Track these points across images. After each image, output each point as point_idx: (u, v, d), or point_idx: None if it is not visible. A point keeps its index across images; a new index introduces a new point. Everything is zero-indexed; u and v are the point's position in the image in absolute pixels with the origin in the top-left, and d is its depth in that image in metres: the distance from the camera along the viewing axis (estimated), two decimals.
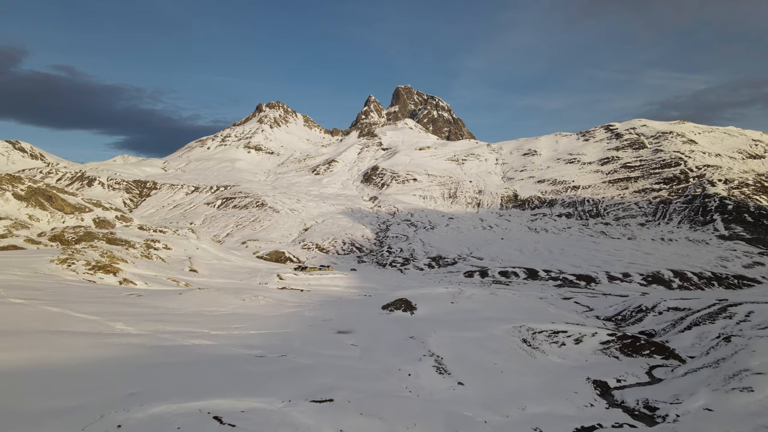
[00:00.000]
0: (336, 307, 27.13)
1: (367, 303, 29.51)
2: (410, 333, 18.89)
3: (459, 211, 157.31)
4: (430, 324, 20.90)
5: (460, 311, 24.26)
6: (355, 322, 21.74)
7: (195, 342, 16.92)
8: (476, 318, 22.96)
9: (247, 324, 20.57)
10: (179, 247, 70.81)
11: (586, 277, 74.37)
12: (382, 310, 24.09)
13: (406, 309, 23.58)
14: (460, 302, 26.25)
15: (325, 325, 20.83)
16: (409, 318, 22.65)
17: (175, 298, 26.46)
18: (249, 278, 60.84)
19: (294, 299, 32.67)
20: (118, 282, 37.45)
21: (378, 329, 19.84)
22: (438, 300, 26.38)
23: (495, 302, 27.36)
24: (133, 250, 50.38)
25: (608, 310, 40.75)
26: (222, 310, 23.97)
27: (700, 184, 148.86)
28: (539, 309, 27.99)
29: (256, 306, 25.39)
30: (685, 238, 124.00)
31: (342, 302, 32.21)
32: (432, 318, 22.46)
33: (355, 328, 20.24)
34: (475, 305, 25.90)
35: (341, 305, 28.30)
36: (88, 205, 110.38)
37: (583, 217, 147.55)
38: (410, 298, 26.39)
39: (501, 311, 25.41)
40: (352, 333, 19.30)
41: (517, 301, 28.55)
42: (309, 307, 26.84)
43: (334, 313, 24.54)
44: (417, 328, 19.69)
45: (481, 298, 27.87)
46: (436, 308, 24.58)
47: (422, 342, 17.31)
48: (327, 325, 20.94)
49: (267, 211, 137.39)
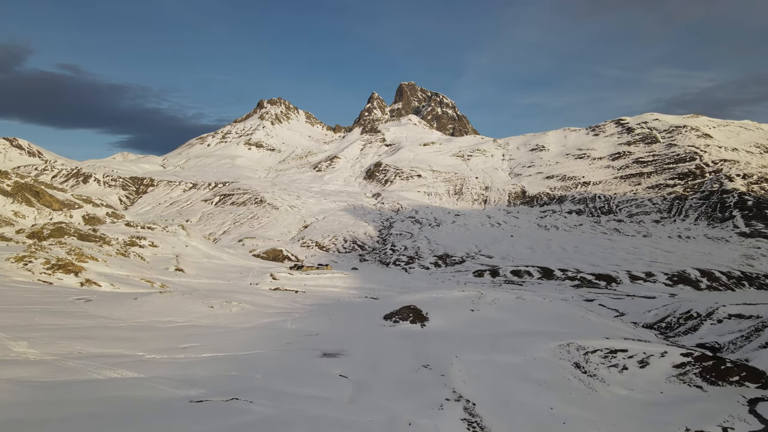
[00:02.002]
0: (327, 315, 21.88)
1: (366, 309, 24.22)
2: (423, 357, 13.64)
3: (465, 207, 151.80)
4: (449, 342, 15.63)
5: (484, 322, 18.97)
6: (348, 338, 16.49)
7: (113, 375, 11.73)
8: (507, 332, 17.68)
9: (204, 342, 15.37)
10: (167, 244, 65.87)
11: (605, 277, 68.87)
12: (384, 321, 18.82)
13: (415, 320, 18.32)
14: (481, 309, 20.96)
15: (307, 344, 15.60)
16: (420, 333, 17.36)
17: (128, 304, 21.36)
18: (240, 278, 55.78)
19: (281, 304, 27.49)
20: (79, 283, 32.41)
21: (378, 351, 14.59)
22: (454, 307, 21.09)
23: (524, 309, 22.05)
24: (107, 248, 45.38)
25: (647, 315, 35.31)
26: (179, 321, 18.80)
27: (717, 180, 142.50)
28: (578, 317, 22.67)
29: (225, 315, 20.19)
30: (704, 235, 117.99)
31: (337, 307, 26.99)
32: (450, 333, 17.19)
33: (348, 348, 15.00)
34: (501, 313, 20.60)
35: (334, 312, 23.05)
36: (78, 201, 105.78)
37: (594, 213, 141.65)
38: (419, 304, 21.12)
39: (534, 321, 20.12)
40: (342, 356, 14.06)
41: (549, 308, 23.23)
42: (293, 315, 21.64)
43: (323, 324, 19.32)
44: (432, 350, 14.43)
45: (507, 303, 22.55)
46: (454, 318, 19.30)
47: (442, 374, 12.09)
48: (310, 343, 15.71)
49: (266, 208, 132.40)
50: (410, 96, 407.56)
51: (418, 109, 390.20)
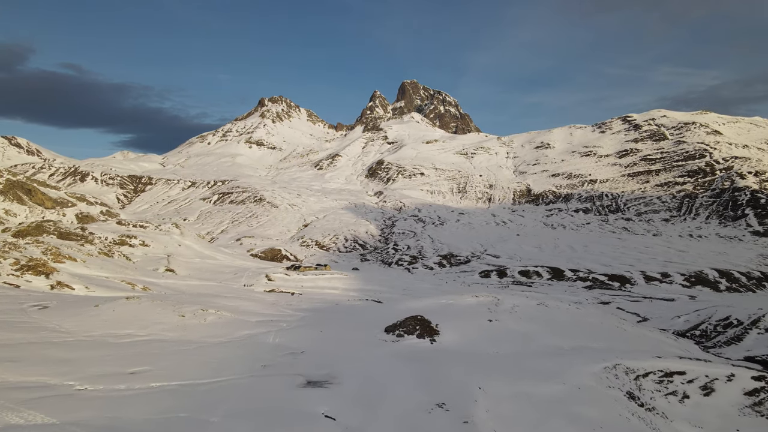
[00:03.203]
0: (319, 324, 18.73)
1: (365, 317, 21.06)
2: (437, 389, 10.49)
3: (469, 206, 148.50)
4: (468, 366, 12.47)
5: (506, 336, 15.78)
6: (340, 358, 13.34)
7: (14, 419, 8.64)
8: (537, 349, 14.49)
9: (160, 364, 12.25)
10: (159, 243, 62.92)
11: (619, 278, 65.53)
12: (385, 334, 15.65)
13: (424, 333, 15.16)
14: (501, 319, 17.76)
15: (289, 366, 12.45)
16: (430, 352, 14.16)
17: (85, 313, 18.34)
18: (233, 279, 52.77)
19: (269, 310, 24.38)
20: (49, 286, 29.40)
21: (378, 378, 11.43)
22: (469, 317, 17.90)
23: (550, 318, 18.85)
24: (89, 247, 42.38)
25: (676, 322, 32.03)
26: (139, 335, 15.71)
27: (728, 177, 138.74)
28: (612, 327, 19.47)
29: (197, 326, 17.06)
30: (716, 234, 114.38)
31: (333, 313, 23.88)
32: (467, 351, 14.01)
33: (339, 373, 11.84)
34: (524, 324, 17.40)
35: (328, 321, 19.90)
36: (71, 199, 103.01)
37: (601, 212, 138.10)
38: (427, 313, 17.94)
39: (565, 334, 16.92)
40: (331, 386, 10.91)
41: (578, 316, 20.02)
42: (280, 325, 18.51)
43: (312, 337, 16.17)
44: (448, 377, 11.27)
45: (529, 311, 19.36)
46: (469, 331, 16.12)
47: (464, 420, 8.93)
48: (293, 365, 12.56)
49: (265, 206, 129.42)
50: (413, 94, 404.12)
51: (421, 108, 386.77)
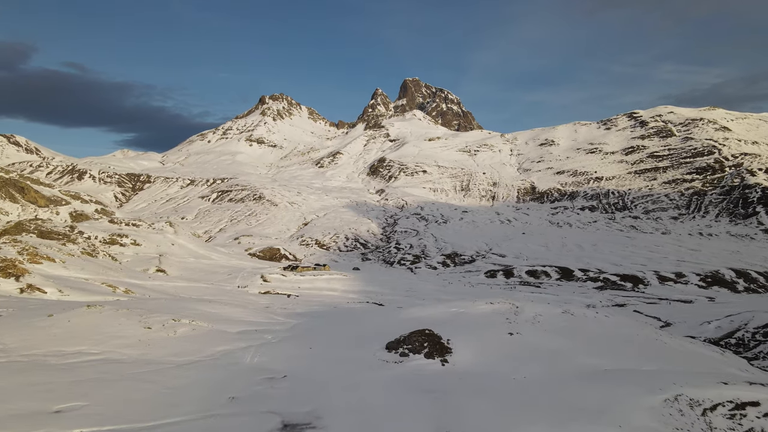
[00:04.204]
0: (309, 338, 16.05)
1: (364, 327, 18.38)
2: None
3: (472, 204, 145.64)
4: (491, 397, 9.76)
5: (533, 354, 13.06)
6: (329, 386, 10.64)
7: None
8: (573, 372, 11.78)
9: (97, 398, 9.58)
10: (151, 242, 60.39)
11: (631, 278, 62.66)
12: (386, 352, 12.94)
13: (433, 352, 12.46)
14: (523, 332, 15.03)
15: (261, 400, 9.76)
16: (443, 376, 11.43)
17: (35, 325, 15.73)
18: (227, 280, 50.19)
19: (255, 317, 21.75)
20: (19, 289, 26.83)
21: (376, 419, 8.75)
22: (485, 328, 15.18)
23: (579, 330, 16.12)
24: (72, 246, 39.84)
25: (706, 328, 29.21)
26: (90, 353, 13.10)
27: (738, 174, 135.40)
28: (650, 340, 16.74)
29: (164, 340, 14.40)
30: (727, 232, 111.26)
31: (328, 321, 21.24)
32: (488, 376, 11.30)
33: (326, 409, 9.15)
34: (551, 338, 14.68)
35: (320, 333, 17.24)
36: (65, 197, 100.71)
37: (608, 210, 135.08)
38: (436, 324, 15.24)
39: (601, 350, 14.20)
40: (313, 431, 8.22)
41: (611, 327, 17.27)
42: (264, 338, 15.86)
43: (298, 355, 13.49)
44: (467, 420, 8.57)
45: (554, 321, 16.63)
46: (488, 348, 13.40)
47: None
48: (267, 398, 9.87)
49: (264, 204, 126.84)
50: (414, 92, 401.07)
51: (423, 105, 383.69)
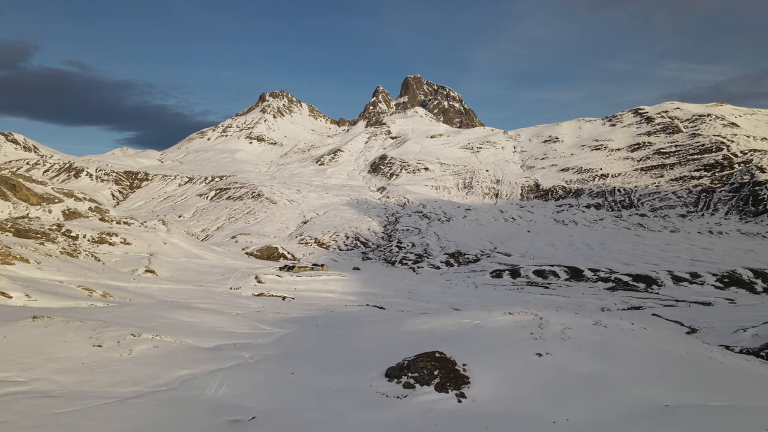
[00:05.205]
0: (293, 359, 13.44)
1: (361, 339, 15.77)
2: None
3: (475, 202, 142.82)
4: None
5: (571, 384, 10.37)
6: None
7: None
8: (627, 412, 9.14)
9: None
10: (142, 241, 57.82)
11: (644, 278, 59.91)
12: (387, 380, 10.30)
13: (446, 381, 9.81)
14: (554, 351, 12.34)
15: None
16: (461, 421, 8.74)
17: None
18: (220, 281, 47.61)
19: (240, 326, 19.18)
20: None
21: None
22: (507, 347, 12.50)
23: (618, 347, 13.44)
24: (50, 246, 37.30)
25: (741, 336, 26.42)
26: (14, 383, 10.58)
27: (747, 171, 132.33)
28: (704, 359, 14.07)
29: (113, 363, 11.76)
30: (737, 230, 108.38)
31: (319, 332, 18.66)
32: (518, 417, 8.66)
33: None
34: (589, 360, 11.99)
35: (308, 351, 14.61)
36: (58, 195, 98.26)
37: (614, 208, 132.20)
38: (447, 341, 12.57)
39: (651, 376, 11.55)
40: None
41: (653, 342, 14.58)
42: (240, 358, 13.23)
43: (276, 384, 10.83)
44: None
45: (586, 335, 13.94)
46: (514, 375, 10.73)
47: None
48: None
49: (263, 202, 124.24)
50: (416, 89, 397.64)
51: (425, 103, 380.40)
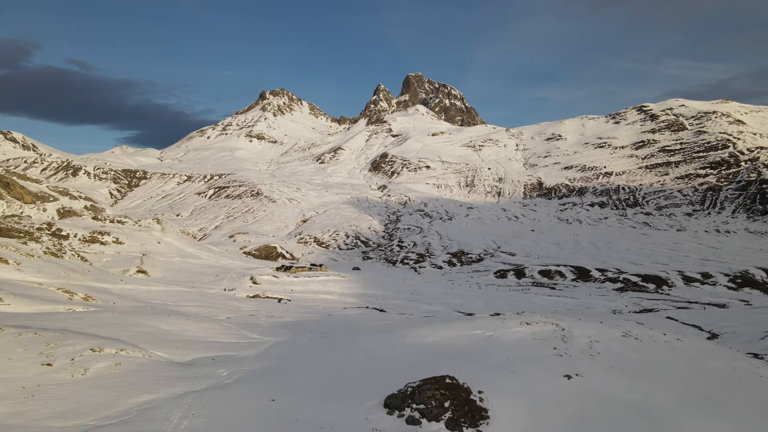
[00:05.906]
0: (273, 382, 11.59)
1: (358, 352, 13.93)
2: None
3: (478, 200, 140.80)
4: None
5: (611, 418, 8.49)
6: None
7: None
8: None
9: None
10: (135, 240, 56.03)
11: (654, 279, 57.98)
12: (385, 413, 8.38)
13: (459, 417, 7.89)
14: (584, 372, 10.47)
15: None
16: None
17: None
18: (214, 282, 45.78)
19: (221, 336, 17.34)
20: None
21: None
22: (529, 368, 10.64)
23: (656, 364, 11.59)
24: (33, 246, 35.51)
25: None
26: None
27: (754, 169, 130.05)
28: (755, 378, 12.17)
29: (60, 387, 9.91)
30: (745, 229, 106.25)
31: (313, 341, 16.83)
32: None
33: None
34: (627, 383, 10.12)
35: (297, 366, 12.79)
36: (53, 193, 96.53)
37: (619, 206, 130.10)
38: (457, 359, 10.72)
39: (706, 402, 9.72)
40: None
41: (692, 356, 12.71)
42: (217, 378, 11.41)
43: (251, 416, 8.96)
44: None
45: (616, 350, 12.08)
46: (542, 406, 8.86)
47: None
48: None
49: (262, 200, 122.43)
50: (417, 88, 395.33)
51: (426, 101, 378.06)
